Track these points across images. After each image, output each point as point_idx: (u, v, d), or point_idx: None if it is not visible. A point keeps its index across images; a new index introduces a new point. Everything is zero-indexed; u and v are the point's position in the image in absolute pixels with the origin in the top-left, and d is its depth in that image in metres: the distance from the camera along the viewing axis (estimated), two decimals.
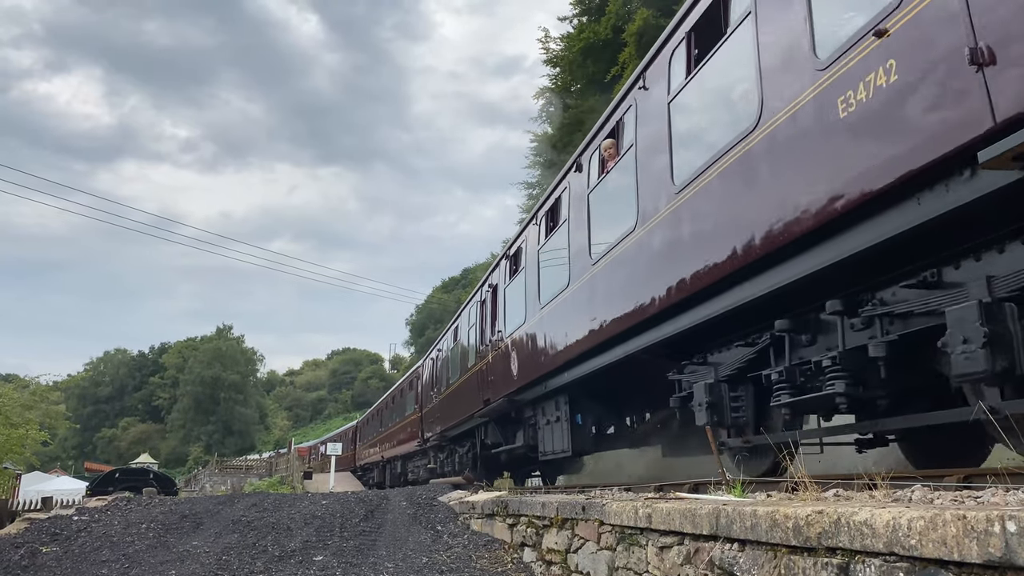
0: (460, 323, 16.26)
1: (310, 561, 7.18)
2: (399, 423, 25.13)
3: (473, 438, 15.22)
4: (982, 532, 2.13)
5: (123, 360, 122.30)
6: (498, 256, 13.57)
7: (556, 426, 10.05)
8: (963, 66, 3.32)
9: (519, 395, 11.30)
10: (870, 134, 3.92)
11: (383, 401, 31.08)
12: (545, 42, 32.69)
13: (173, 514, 9.37)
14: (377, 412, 32.10)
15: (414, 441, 21.78)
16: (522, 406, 11.61)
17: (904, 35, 3.68)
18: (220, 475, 45.89)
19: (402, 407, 24.86)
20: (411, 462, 24.13)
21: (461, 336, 15.88)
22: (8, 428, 24.90)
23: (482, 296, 14.16)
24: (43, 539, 8.26)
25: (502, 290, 12.54)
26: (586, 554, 5.49)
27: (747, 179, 5.10)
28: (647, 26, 23.28)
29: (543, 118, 35.58)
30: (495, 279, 13.33)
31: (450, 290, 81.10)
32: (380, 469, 30.65)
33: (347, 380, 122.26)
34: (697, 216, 5.80)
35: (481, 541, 7.70)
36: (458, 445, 16.93)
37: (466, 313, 15.68)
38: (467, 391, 14.70)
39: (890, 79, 3.76)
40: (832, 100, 4.18)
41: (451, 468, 17.65)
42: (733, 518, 3.44)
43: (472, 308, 15.05)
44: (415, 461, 23.35)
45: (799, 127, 4.52)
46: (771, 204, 4.81)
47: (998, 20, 3.20)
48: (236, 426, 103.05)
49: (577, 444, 9.67)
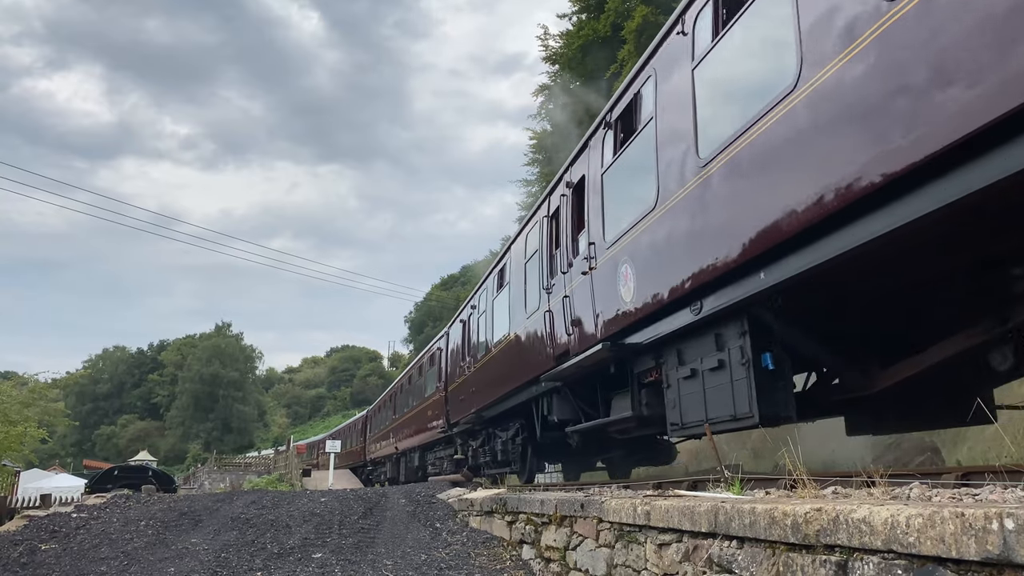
0: (509, 263, 12.21)
1: (309, 558, 7.18)
2: (417, 407, 21.26)
3: (524, 417, 11.62)
4: (980, 529, 2.14)
5: (122, 357, 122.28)
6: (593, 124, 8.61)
7: (717, 377, 5.82)
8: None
9: (634, 334, 7.15)
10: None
11: (397, 384, 27.04)
12: (544, 39, 32.71)
13: (172, 511, 9.37)
14: (390, 398, 27.77)
15: (436, 427, 18.04)
16: (638, 353, 7.32)
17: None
18: (219, 472, 45.94)
19: (420, 389, 21.05)
20: (432, 453, 20.32)
21: (511, 278, 11.91)
22: (7, 425, 24.91)
23: (552, 207, 9.83)
24: (42, 536, 8.26)
25: (597, 179, 8.17)
26: (585, 551, 5.50)
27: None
28: (646, 23, 23.26)
29: (542, 115, 35.57)
30: (581, 169, 8.81)
31: (449, 287, 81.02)
32: (394, 463, 26.50)
33: (346, 378, 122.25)
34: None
35: (480, 538, 7.70)
36: (499, 428, 13.26)
37: (518, 247, 11.53)
38: (522, 351, 10.81)
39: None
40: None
41: (490, 457, 13.89)
42: (732, 515, 3.44)
43: (532, 233, 10.74)
44: (437, 451, 19.68)
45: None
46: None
47: None
48: (235, 423, 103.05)
49: (767, 405, 5.34)
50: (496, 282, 13.05)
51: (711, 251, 5.54)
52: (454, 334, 16.90)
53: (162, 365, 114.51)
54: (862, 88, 3.97)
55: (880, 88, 3.83)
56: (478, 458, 14.79)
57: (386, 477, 27.83)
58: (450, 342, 17.30)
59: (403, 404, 24.10)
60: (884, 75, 3.81)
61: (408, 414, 22.74)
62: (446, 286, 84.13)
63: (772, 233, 4.76)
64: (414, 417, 21.54)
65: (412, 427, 21.80)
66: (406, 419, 23.04)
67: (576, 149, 9.09)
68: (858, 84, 4.00)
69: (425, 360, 20.99)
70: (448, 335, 17.74)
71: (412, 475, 22.30)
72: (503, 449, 12.84)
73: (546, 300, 9.66)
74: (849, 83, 4.07)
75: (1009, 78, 3.13)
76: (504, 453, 12.79)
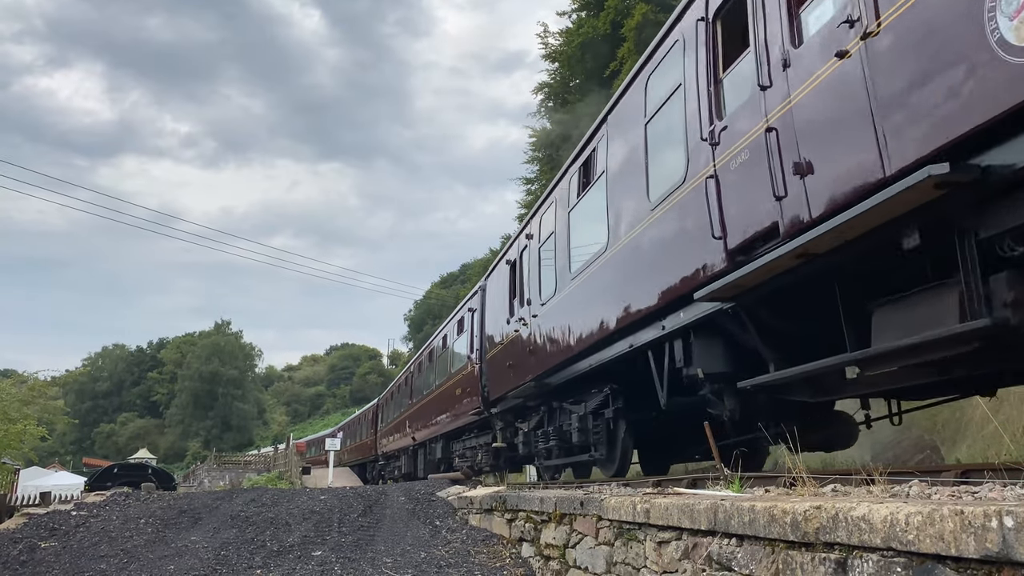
0: (606, 139, 8.05)
1: (308, 556, 7.18)
2: (439, 388, 17.30)
3: (617, 380, 8.16)
4: (979, 527, 2.14)
5: (121, 355, 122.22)
6: None
7: None
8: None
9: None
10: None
11: (414, 363, 22.97)
12: (544, 37, 32.68)
13: (171, 509, 9.37)
14: (405, 381, 23.77)
15: (467, 408, 14.24)
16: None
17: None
18: (219, 470, 45.91)
19: (444, 365, 17.18)
20: (461, 442, 16.16)
21: (613, 154, 7.83)
22: (7, 423, 24.91)
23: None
24: (41, 534, 8.26)
25: None
26: (584, 549, 5.50)
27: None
28: (646, 21, 23.22)
29: (542, 113, 35.54)
30: None
31: (448, 286, 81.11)
32: (410, 456, 22.34)
33: (345, 376, 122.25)
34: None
35: (479, 536, 7.71)
36: (570, 400, 9.37)
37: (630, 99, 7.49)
38: (638, 265, 6.93)
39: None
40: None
41: (554, 441, 9.90)
42: (731, 513, 3.44)
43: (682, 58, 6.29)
44: (468, 439, 15.52)
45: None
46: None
47: None
48: (234, 421, 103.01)
49: None
50: (578, 181, 9.00)
51: None
52: (496, 285, 12.80)
53: (162, 363, 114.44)
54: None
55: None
56: (531, 444, 10.98)
57: (400, 473, 23.78)
58: (489, 297, 13.21)
59: (421, 387, 20.21)
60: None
61: (428, 397, 18.98)
62: (445, 284, 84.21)
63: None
64: (436, 400, 17.79)
65: (433, 412, 18.05)
66: (425, 404, 19.33)
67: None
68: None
69: (450, 328, 16.73)
70: (485, 290, 13.67)
71: (433, 469, 18.48)
72: (579, 429, 8.93)
73: (708, 155, 5.62)
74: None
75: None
76: (581, 435, 8.91)
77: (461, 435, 16.06)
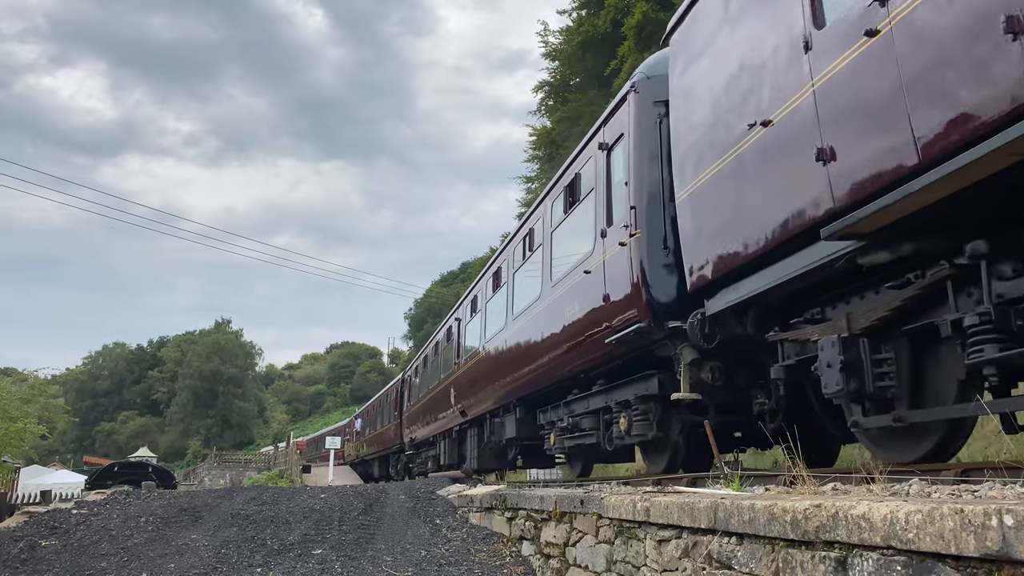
0: None
1: (309, 554, 7.19)
2: (532, 307, 10.32)
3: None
4: (979, 526, 2.14)
5: (122, 354, 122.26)
6: None
7: None
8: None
9: None
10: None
11: (462, 303, 16.19)
12: (544, 36, 32.66)
13: (172, 507, 9.37)
14: (446, 335, 17.44)
15: (599, 331, 7.60)
16: None
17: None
18: (219, 468, 45.95)
19: (528, 285, 10.72)
20: (567, 407, 9.45)
21: None
22: (7, 422, 24.93)
23: None
24: (42, 532, 8.26)
25: None
26: (584, 547, 5.50)
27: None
28: (646, 20, 23.19)
29: (542, 112, 35.53)
30: None
31: (448, 284, 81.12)
32: (453, 440, 15.80)
33: (346, 374, 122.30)
34: None
35: (480, 534, 7.71)
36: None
37: None
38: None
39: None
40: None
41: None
42: (731, 512, 3.45)
43: None
44: (575, 404, 9.17)
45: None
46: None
47: None
48: (235, 420, 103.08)
49: None
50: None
51: None
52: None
53: (162, 361, 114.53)
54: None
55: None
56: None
57: (440, 464, 17.12)
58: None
59: (475, 334, 13.83)
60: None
61: (498, 338, 11.97)
62: (445, 283, 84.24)
63: None
64: (519, 339, 10.78)
65: (503, 368, 11.44)
66: (487, 359, 12.59)
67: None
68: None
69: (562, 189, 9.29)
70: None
71: (498, 454, 12.59)
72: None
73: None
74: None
75: None
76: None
77: (562, 394, 9.64)
